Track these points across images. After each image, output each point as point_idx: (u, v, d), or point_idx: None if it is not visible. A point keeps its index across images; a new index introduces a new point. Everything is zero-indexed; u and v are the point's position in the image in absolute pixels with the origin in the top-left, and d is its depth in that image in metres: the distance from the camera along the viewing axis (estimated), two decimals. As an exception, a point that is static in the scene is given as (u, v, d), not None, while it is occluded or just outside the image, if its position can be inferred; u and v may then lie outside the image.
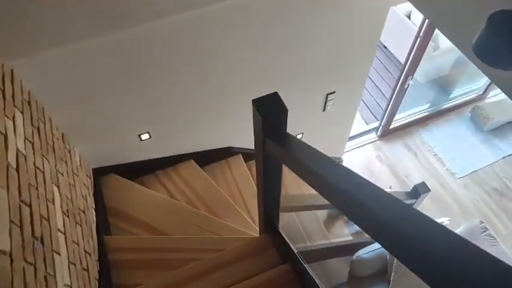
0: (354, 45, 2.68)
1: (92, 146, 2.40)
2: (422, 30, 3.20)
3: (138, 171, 2.78)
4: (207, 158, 3.03)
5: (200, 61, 2.16)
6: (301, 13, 2.19)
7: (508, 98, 1.33)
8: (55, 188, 1.70)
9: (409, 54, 3.47)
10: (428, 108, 4.68)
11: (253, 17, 2.06)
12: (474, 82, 4.87)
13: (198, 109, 2.52)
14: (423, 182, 2.76)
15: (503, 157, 4.36)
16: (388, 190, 2.58)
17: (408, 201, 2.77)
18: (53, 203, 1.62)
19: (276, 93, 1.21)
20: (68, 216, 1.75)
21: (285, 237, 1.74)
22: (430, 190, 2.71)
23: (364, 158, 4.46)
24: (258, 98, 1.20)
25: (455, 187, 4.21)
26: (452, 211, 4.05)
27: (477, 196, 4.13)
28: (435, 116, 4.72)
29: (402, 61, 5.01)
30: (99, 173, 2.58)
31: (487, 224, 3.38)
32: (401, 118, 4.52)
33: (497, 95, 4.90)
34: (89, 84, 1.99)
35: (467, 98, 4.81)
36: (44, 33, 1.57)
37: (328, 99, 3.09)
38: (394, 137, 4.61)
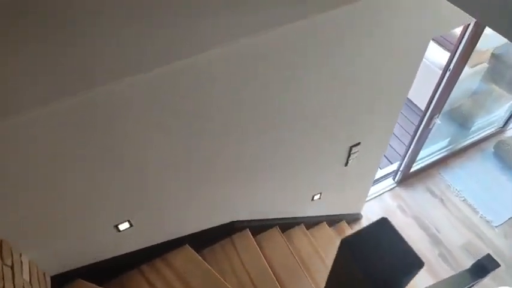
0: (385, 89, 2.13)
1: (49, 248, 1.71)
2: (453, 63, 2.70)
3: (117, 269, 2.08)
4: (206, 239, 2.36)
5: (192, 119, 1.55)
6: (328, 56, 1.63)
7: None
8: None
9: (435, 91, 2.95)
10: (448, 146, 4.16)
11: (269, 64, 1.49)
12: (491, 114, 4.41)
13: (191, 181, 1.88)
14: (488, 255, 2.12)
15: (540, 197, 3.83)
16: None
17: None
18: None
19: (386, 222, 0.60)
20: None
21: None
22: (499, 265, 2.08)
23: (384, 209, 3.84)
24: (354, 236, 0.58)
25: (495, 238, 3.61)
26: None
27: (521, 247, 3.53)
28: (456, 154, 4.19)
29: (414, 101, 4.58)
30: (62, 281, 1.87)
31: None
32: (420, 159, 3.97)
33: (518, 126, 4.44)
34: (37, 165, 1.34)
35: (488, 132, 4.32)
36: None
37: (352, 152, 2.51)
38: (415, 182, 4.03)
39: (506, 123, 4.34)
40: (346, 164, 2.62)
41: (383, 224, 0.66)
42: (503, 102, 4.39)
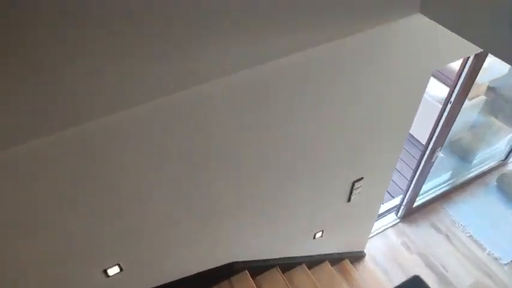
0: (388, 123, 2.07)
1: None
2: (453, 97, 2.66)
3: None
4: (202, 283, 2.20)
5: (191, 156, 1.46)
6: (329, 92, 1.58)
7: None
8: None
9: (436, 124, 2.90)
10: (450, 179, 4.07)
11: (268, 101, 1.42)
12: (492, 146, 4.36)
13: (189, 221, 1.77)
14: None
15: (548, 232, 3.70)
16: None
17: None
18: None
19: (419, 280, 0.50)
20: None
21: None
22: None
23: (387, 247, 3.69)
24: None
25: (504, 276, 3.44)
26: (508, 309, 3.25)
27: (533, 286, 3.37)
28: (459, 188, 4.10)
29: (414, 135, 4.54)
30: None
31: None
32: (423, 194, 3.86)
33: (520, 159, 4.38)
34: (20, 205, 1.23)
35: (489, 165, 4.25)
36: None
37: (355, 187, 2.41)
38: (418, 217, 3.91)
39: (507, 156, 4.29)
40: (348, 200, 2.52)
41: (416, 282, 0.56)
42: (503, 135, 4.35)
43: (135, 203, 1.48)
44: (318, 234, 2.67)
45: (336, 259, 3.23)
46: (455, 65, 2.59)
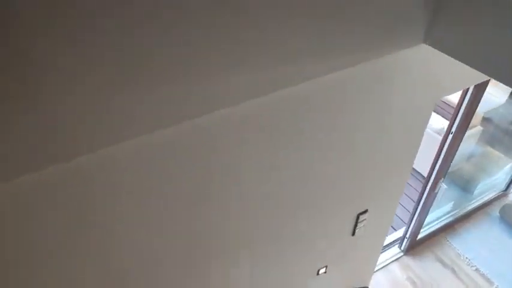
0: (393, 153, 2.03)
1: None
2: (455, 127, 2.65)
3: None
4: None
5: (192, 192, 1.39)
6: (332, 125, 1.55)
7: None
8: None
9: (438, 155, 2.88)
10: (453, 211, 4.00)
11: (270, 133, 1.38)
12: (492, 177, 4.33)
13: (185, 263, 1.67)
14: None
15: (556, 264, 3.61)
16: None
17: None
18: None
19: None
20: None
21: None
22: None
23: (392, 282, 3.56)
24: None
25: (515, 312, 3.31)
26: None
27: (545, 322, 3.23)
28: (462, 219, 4.03)
29: (415, 167, 4.49)
30: None
31: None
32: (426, 225, 3.78)
33: (520, 189, 4.34)
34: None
35: (491, 195, 4.20)
36: None
37: (359, 220, 2.33)
38: (422, 250, 3.80)
39: (508, 186, 4.25)
40: (353, 234, 2.43)
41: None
42: (502, 165, 4.34)
43: (133, 252, 1.39)
44: (322, 271, 2.56)
45: (340, 297, 3.09)
46: (452, 97, 2.61)
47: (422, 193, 3.18)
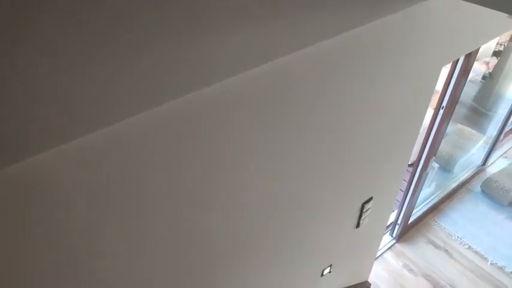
0: (398, 125, 1.83)
1: None
2: (447, 98, 2.52)
3: None
4: None
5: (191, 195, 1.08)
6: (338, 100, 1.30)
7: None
8: None
9: (429, 130, 2.74)
10: (436, 192, 3.93)
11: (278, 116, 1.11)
12: (468, 153, 4.32)
13: (183, 270, 1.35)
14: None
15: (543, 232, 3.62)
16: None
17: None
18: None
19: None
20: None
21: None
22: None
23: (390, 272, 3.39)
24: None
25: (513, 285, 3.26)
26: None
27: (543, 291, 3.20)
28: (446, 199, 3.96)
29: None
30: None
31: None
32: (414, 210, 3.66)
33: (495, 161, 4.38)
34: None
35: (470, 172, 4.19)
36: None
37: (364, 209, 2.11)
38: (413, 235, 3.68)
39: (485, 161, 4.26)
40: (357, 226, 2.21)
41: None
42: (476, 140, 4.35)
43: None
44: (327, 270, 2.31)
45: (341, 295, 2.86)
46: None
47: (414, 172, 3.03)
